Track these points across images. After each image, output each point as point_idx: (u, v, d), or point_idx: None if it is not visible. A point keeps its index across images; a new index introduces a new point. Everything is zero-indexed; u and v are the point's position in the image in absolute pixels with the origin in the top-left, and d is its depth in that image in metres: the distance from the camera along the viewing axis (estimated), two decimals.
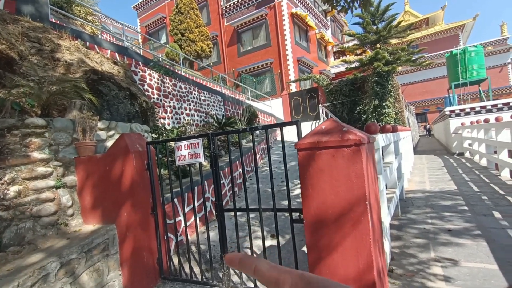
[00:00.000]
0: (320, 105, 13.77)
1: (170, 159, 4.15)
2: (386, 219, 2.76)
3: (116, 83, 5.15)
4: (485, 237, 2.94)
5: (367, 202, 1.56)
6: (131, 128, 3.59)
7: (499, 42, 29.31)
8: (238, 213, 2.70)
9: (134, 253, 2.41)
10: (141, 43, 19.99)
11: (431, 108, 32.44)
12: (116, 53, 6.80)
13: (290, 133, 9.43)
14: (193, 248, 3.39)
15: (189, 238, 2.79)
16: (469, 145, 9.58)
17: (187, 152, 2.30)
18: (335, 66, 21.12)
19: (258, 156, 7.40)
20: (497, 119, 5.91)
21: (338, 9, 4.10)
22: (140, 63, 6.95)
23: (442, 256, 2.66)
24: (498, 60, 28.58)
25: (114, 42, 9.66)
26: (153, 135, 4.92)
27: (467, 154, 10.03)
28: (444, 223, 3.54)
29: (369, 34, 11.15)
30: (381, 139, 3.12)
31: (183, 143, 2.33)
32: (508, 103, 9.99)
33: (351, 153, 1.58)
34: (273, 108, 15.13)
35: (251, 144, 7.25)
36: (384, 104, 11.20)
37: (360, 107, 12.84)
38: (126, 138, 2.37)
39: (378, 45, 11.78)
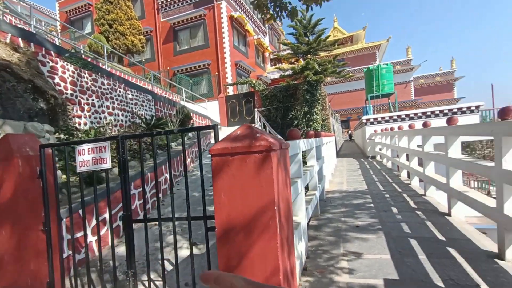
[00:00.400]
0: (255, 109, 14.14)
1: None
2: (304, 221, 2.93)
3: (14, 73, 4.35)
4: (383, 230, 3.38)
5: (275, 208, 1.60)
6: (25, 127, 3.04)
7: (405, 63, 34.90)
8: (164, 222, 2.51)
9: (14, 280, 2.01)
10: (59, 31, 17.48)
11: (353, 116, 36.55)
12: (20, 39, 5.73)
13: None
14: (101, 265, 3.04)
15: (95, 254, 2.49)
16: (380, 149, 11.06)
17: (91, 157, 2.04)
18: (271, 73, 22.05)
19: (188, 160, 7.15)
20: (399, 128, 6.95)
21: (267, 17, 4.23)
22: (52, 52, 6.01)
23: (349, 251, 2.95)
24: (404, 77, 33.98)
25: (20, 25, 8.20)
26: (62, 136, 4.29)
27: (378, 158, 11.57)
28: (354, 220, 3.95)
29: (301, 44, 12.00)
30: (302, 144, 3.32)
31: (87, 147, 2.06)
32: (409, 114, 11.90)
33: (261, 159, 1.60)
34: (209, 110, 14.92)
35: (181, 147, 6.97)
36: (313, 111, 12.13)
37: (293, 113, 13.64)
38: (11, 139, 1.97)
39: (309, 56, 12.74)
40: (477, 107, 11.31)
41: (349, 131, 35.78)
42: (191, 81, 16.36)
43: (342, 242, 3.19)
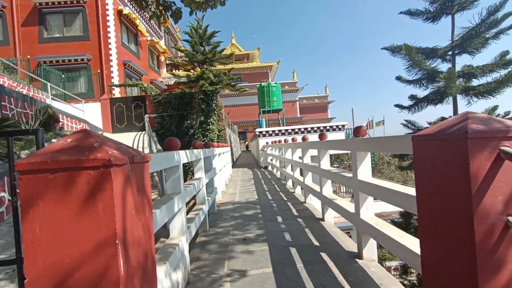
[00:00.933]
0: (146, 115, 12.86)
1: None
2: (184, 243, 2.56)
3: None
4: (268, 241, 3.37)
5: (117, 242, 1.17)
6: None
7: (292, 84, 39.89)
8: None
9: None
10: None
11: (249, 128, 38.76)
12: None
13: None
14: None
15: None
16: (271, 160, 11.89)
17: None
18: (167, 78, 20.85)
19: None
20: (285, 141, 7.56)
21: (149, 14, 3.74)
22: None
23: (233, 269, 2.75)
24: (291, 97, 38.71)
25: None
26: None
27: (270, 168, 12.42)
28: (243, 232, 3.85)
29: (196, 53, 11.75)
30: (183, 156, 2.96)
31: None
32: (294, 129, 13.39)
33: (98, 177, 1.15)
34: (88, 113, 12.60)
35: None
36: (209, 121, 11.98)
37: (188, 122, 13.10)
38: None
39: (205, 66, 12.61)
40: (343, 126, 13.84)
41: (246, 142, 37.83)
42: (63, 76, 13.43)
43: (227, 260, 2.97)
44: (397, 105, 7.84)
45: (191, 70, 12.79)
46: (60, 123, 8.81)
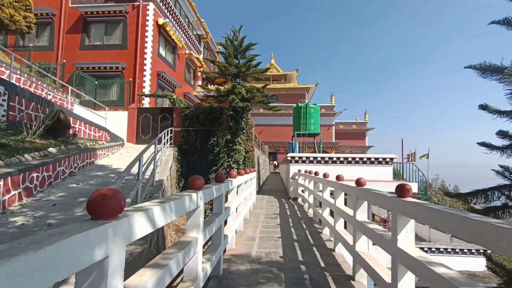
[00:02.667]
0: (171, 128, 11.98)
1: None
2: None
3: None
4: None
5: None
6: None
7: (329, 108, 37.96)
8: None
9: None
10: None
11: (281, 150, 37.17)
12: None
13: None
14: None
15: None
16: (302, 191, 10.12)
17: None
18: (201, 93, 20.37)
19: (14, 194, 4.51)
20: (325, 175, 5.88)
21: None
22: None
23: None
24: (327, 121, 36.66)
25: None
26: None
27: (300, 200, 10.61)
28: None
29: (230, 66, 10.75)
30: (159, 217, 1.51)
31: None
32: (332, 158, 11.54)
33: None
34: (113, 121, 12.06)
35: (35, 162, 4.34)
36: (236, 140, 10.69)
37: (215, 139, 11.97)
38: None
39: (239, 81, 11.56)
40: (391, 159, 11.68)
41: (275, 162, 36.22)
42: (96, 82, 13.25)
43: None
44: (483, 144, 5.81)
45: (223, 85, 11.79)
46: (71, 129, 8.06)
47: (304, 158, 11.64)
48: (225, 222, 4.81)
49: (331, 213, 5.74)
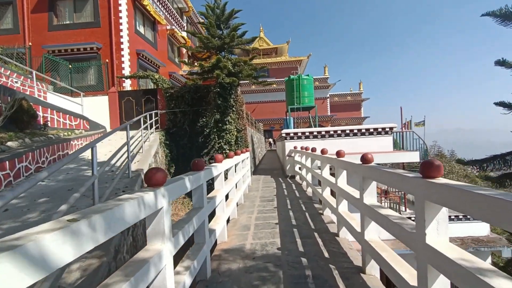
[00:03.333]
0: (156, 111, 11.16)
1: None
2: None
3: None
4: None
5: None
6: None
7: (323, 80, 36.83)
8: None
9: None
10: None
11: (275, 126, 36.52)
12: None
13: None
14: None
15: None
16: (299, 169, 9.60)
17: None
18: (188, 71, 19.20)
19: None
20: (322, 151, 5.27)
21: None
22: None
23: None
24: (322, 94, 35.69)
25: None
26: None
27: (297, 178, 10.13)
28: None
29: (213, 38, 9.73)
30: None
31: None
32: (329, 131, 10.93)
33: None
34: (93, 107, 11.18)
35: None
36: (225, 119, 9.95)
37: (204, 120, 11.21)
38: None
39: (224, 54, 10.58)
40: (391, 128, 11.10)
41: (270, 140, 35.76)
42: (70, 66, 12.15)
43: None
44: (500, 104, 5.21)
45: (208, 60, 10.82)
46: (42, 119, 7.25)
47: (299, 134, 11.02)
48: (214, 212, 4.26)
49: (332, 193, 5.21)
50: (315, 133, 10.95)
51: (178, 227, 2.34)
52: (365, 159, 3.08)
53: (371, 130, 11.07)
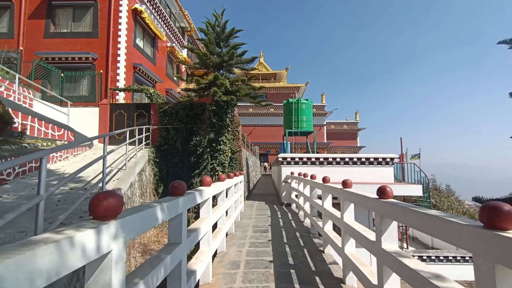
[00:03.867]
0: (147, 126, 10.58)
1: None
2: None
3: None
4: None
5: None
6: None
7: (320, 107, 37.10)
8: None
9: None
10: None
11: (272, 151, 36.05)
12: None
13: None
14: None
15: None
16: (296, 196, 8.95)
17: None
18: (184, 88, 18.95)
19: None
20: (324, 180, 4.69)
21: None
22: None
23: None
24: (319, 121, 35.76)
25: None
26: None
27: (294, 207, 9.44)
28: None
29: (212, 55, 9.45)
30: None
31: None
32: (327, 158, 10.41)
33: None
34: (81, 119, 10.58)
35: None
36: (220, 139, 9.40)
37: (197, 138, 10.65)
38: None
39: (222, 72, 10.28)
40: (392, 159, 10.66)
41: (265, 164, 35.15)
42: (62, 75, 11.69)
43: None
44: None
45: (204, 76, 10.48)
46: (19, 126, 6.61)
47: (297, 159, 10.47)
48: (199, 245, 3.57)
49: (334, 227, 4.57)
50: (313, 159, 10.43)
51: (140, 275, 1.69)
52: (383, 192, 2.51)
53: (371, 159, 10.61)
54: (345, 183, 3.63)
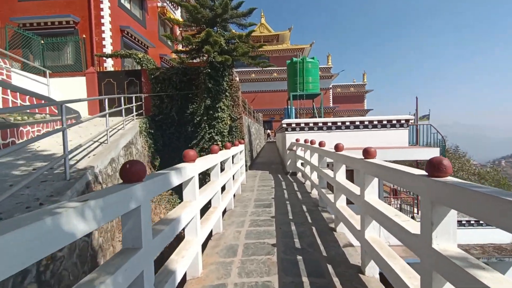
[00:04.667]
0: (138, 94, 9.73)
1: None
2: None
3: None
4: None
5: None
6: None
7: (326, 70, 35.14)
8: None
9: None
10: None
11: (276, 117, 35.06)
12: None
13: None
14: None
15: None
16: (302, 165, 8.28)
17: None
18: (175, 50, 17.61)
19: None
20: (337, 147, 3.90)
21: None
22: None
23: None
24: (324, 84, 34.04)
25: None
26: None
27: (299, 175, 8.83)
28: None
29: (203, 8, 8.22)
30: None
31: None
32: (336, 123, 9.56)
33: None
34: (66, 89, 9.76)
35: None
36: (217, 105, 8.55)
37: (194, 106, 9.82)
38: None
39: (216, 30, 9.08)
40: (407, 121, 9.75)
41: (268, 131, 34.50)
42: (42, 42, 10.62)
43: None
44: None
45: (196, 36, 9.31)
46: None
47: (302, 125, 9.64)
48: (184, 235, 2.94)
49: (348, 201, 3.90)
50: (320, 124, 9.58)
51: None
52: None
53: (384, 122, 9.72)
54: (367, 152, 2.82)
